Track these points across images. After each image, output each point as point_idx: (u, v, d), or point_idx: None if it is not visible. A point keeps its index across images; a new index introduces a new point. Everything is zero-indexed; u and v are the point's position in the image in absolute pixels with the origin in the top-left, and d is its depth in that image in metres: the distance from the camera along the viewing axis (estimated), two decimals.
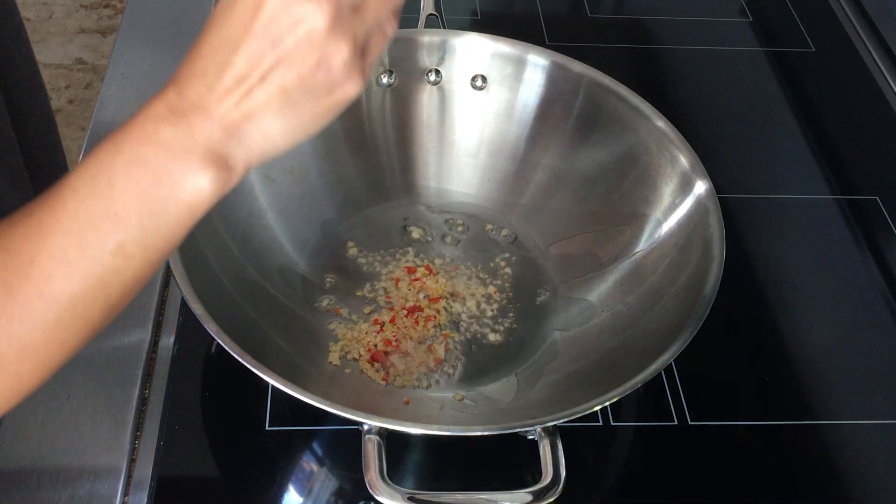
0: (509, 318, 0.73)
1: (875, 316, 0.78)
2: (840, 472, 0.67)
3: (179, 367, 0.68)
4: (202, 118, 0.41)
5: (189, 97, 0.41)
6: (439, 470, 0.66)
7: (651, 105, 0.73)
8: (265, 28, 0.41)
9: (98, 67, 2.08)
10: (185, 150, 0.41)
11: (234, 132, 0.42)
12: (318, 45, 0.41)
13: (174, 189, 0.42)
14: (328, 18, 0.41)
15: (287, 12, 0.41)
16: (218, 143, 0.42)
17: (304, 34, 0.41)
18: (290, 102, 0.42)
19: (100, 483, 0.61)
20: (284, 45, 0.41)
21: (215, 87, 0.41)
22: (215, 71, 0.41)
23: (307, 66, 0.42)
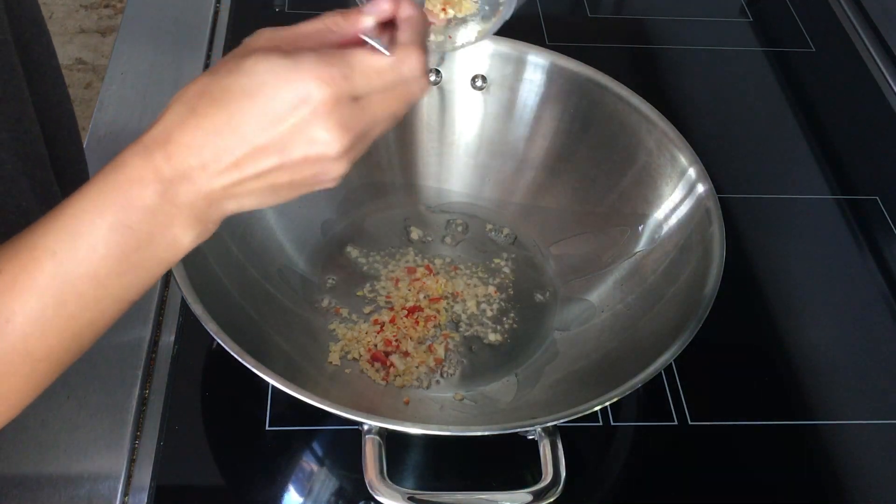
0: (509, 318, 0.73)
1: (875, 316, 0.78)
2: (840, 472, 0.67)
3: (179, 367, 0.68)
4: (188, 190, 0.42)
5: (178, 167, 0.41)
6: (439, 470, 0.66)
7: (651, 105, 0.73)
8: (280, 139, 0.41)
9: (98, 67, 2.08)
10: (168, 217, 0.42)
11: (216, 204, 0.43)
12: (323, 165, 0.43)
13: (155, 251, 0.42)
14: (341, 150, 0.42)
15: (307, 133, 0.41)
16: (200, 211, 0.43)
17: (315, 155, 0.42)
18: (273, 193, 0.44)
19: (100, 483, 0.61)
20: (291, 158, 0.42)
21: (209, 166, 0.41)
22: (214, 152, 0.41)
23: (302, 175, 0.43)
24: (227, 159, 0.41)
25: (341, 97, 0.41)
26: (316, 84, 0.41)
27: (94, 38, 2.17)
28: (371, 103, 0.43)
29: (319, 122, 0.41)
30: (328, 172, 0.44)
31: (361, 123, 0.43)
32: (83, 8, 2.24)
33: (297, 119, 0.41)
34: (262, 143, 0.41)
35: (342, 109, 0.42)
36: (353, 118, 0.42)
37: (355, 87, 0.42)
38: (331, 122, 0.41)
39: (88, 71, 2.09)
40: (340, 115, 0.41)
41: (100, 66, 2.08)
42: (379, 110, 0.44)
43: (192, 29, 0.96)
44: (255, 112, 0.41)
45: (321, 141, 0.42)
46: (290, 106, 0.41)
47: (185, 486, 0.62)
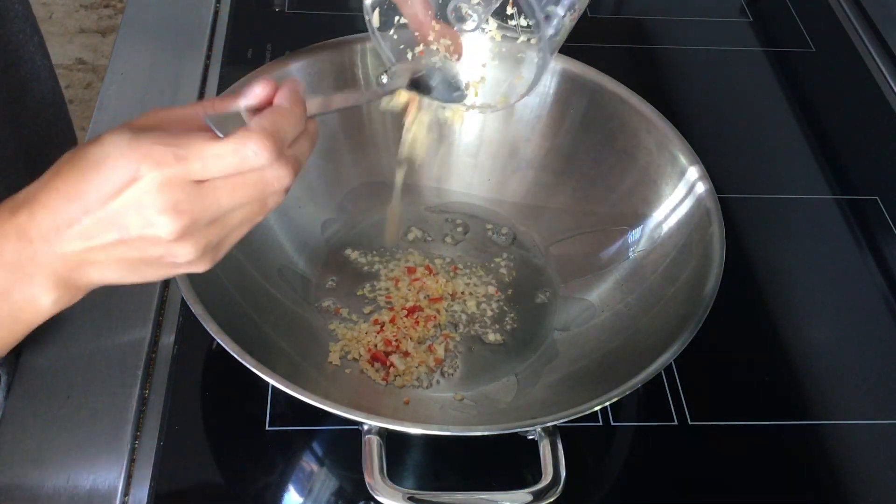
0: (509, 318, 0.73)
1: (875, 316, 0.78)
2: (840, 472, 0.67)
3: (179, 367, 0.68)
4: (46, 250, 0.42)
5: (38, 227, 0.41)
6: (439, 470, 0.66)
7: (651, 105, 0.73)
8: (115, 212, 0.41)
9: (98, 67, 2.08)
10: (27, 274, 0.42)
11: (76, 269, 0.43)
12: (163, 246, 0.42)
13: (12, 307, 0.43)
14: (176, 234, 0.42)
15: (139, 213, 0.41)
16: (61, 273, 0.43)
17: (150, 236, 0.42)
18: (129, 268, 0.43)
19: (100, 482, 0.61)
20: (129, 234, 0.42)
21: (62, 230, 0.41)
22: (66, 217, 0.41)
23: (149, 255, 0.43)
24: (75, 226, 0.41)
25: (173, 179, 0.41)
26: (145, 163, 0.40)
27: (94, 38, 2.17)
28: (215, 189, 0.42)
29: (149, 202, 0.41)
30: (174, 256, 0.43)
31: (200, 208, 0.42)
32: (83, 8, 2.24)
33: (129, 197, 0.41)
34: (101, 215, 0.41)
35: (174, 191, 0.41)
36: (189, 202, 0.41)
37: (190, 169, 0.41)
38: (160, 203, 0.41)
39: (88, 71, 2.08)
40: (171, 197, 0.41)
41: (100, 66, 2.08)
42: (224, 196, 0.43)
43: (192, 29, 0.96)
44: (96, 184, 0.41)
45: (153, 222, 0.41)
46: (122, 183, 0.41)
47: (185, 485, 0.62)
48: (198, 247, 0.43)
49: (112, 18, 2.21)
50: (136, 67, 0.91)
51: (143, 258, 0.43)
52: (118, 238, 0.42)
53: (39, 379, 0.65)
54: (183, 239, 0.42)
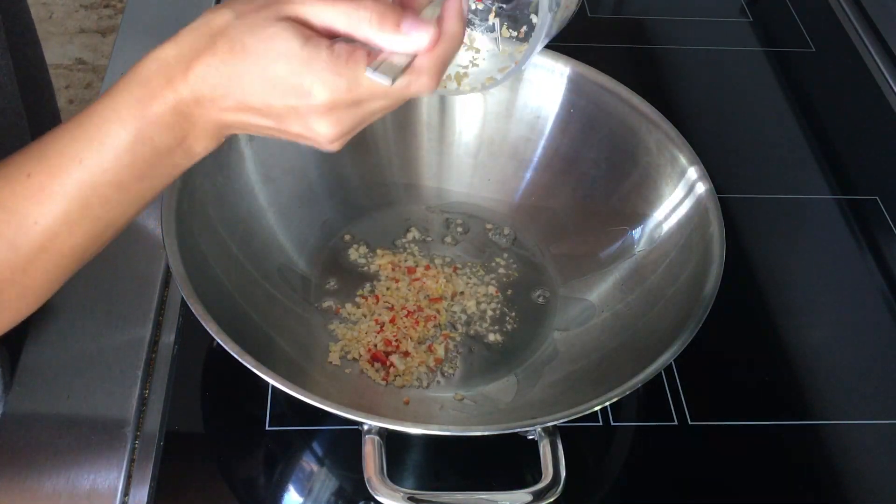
0: (509, 318, 0.73)
1: (875, 316, 0.78)
2: (840, 472, 0.67)
3: (179, 367, 0.68)
4: (201, 113, 0.45)
5: (194, 92, 0.44)
6: (439, 470, 0.66)
7: (651, 105, 0.73)
8: (279, 112, 0.45)
9: (98, 67, 2.08)
10: (183, 130, 0.45)
11: (223, 128, 0.47)
12: (315, 142, 0.47)
13: (173, 160, 0.46)
14: (332, 139, 0.46)
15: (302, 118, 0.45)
16: (213, 129, 0.46)
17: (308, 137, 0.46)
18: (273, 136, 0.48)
19: (100, 482, 0.61)
20: (287, 130, 0.46)
21: (218, 102, 0.45)
22: (223, 93, 0.44)
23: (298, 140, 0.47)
24: (232, 104, 0.45)
25: (340, 103, 0.44)
26: (320, 86, 0.43)
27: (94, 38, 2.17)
28: (370, 108, 0.46)
29: (315, 115, 0.45)
30: (320, 146, 0.47)
31: (356, 121, 0.46)
32: (83, 8, 2.24)
33: (297, 105, 0.44)
34: (262, 107, 0.45)
35: (339, 112, 0.45)
36: (349, 118, 0.46)
37: (357, 99, 0.45)
38: (327, 119, 0.45)
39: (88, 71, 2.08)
40: (336, 116, 0.45)
41: (100, 66, 2.08)
42: (378, 113, 0.47)
43: None
44: (264, 82, 0.44)
45: (315, 130, 0.45)
46: (294, 92, 0.44)
47: (185, 485, 0.62)
48: (342, 142, 0.47)
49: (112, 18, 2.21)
50: None
51: (289, 138, 0.47)
52: (275, 127, 0.46)
53: (39, 379, 0.65)
54: (336, 141, 0.47)
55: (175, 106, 0.44)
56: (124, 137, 0.44)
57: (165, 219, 0.61)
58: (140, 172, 0.45)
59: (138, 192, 0.47)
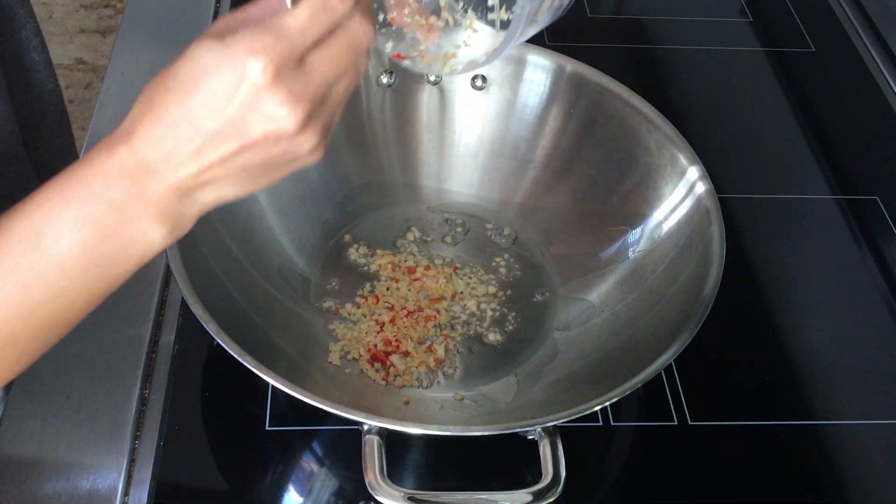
0: (509, 318, 0.73)
1: (875, 316, 0.78)
2: (840, 472, 0.67)
3: (179, 367, 0.68)
4: (156, 183, 0.41)
5: (143, 161, 0.41)
6: (439, 470, 0.66)
7: (651, 105, 0.73)
8: (232, 118, 0.40)
9: (98, 67, 2.08)
10: (135, 212, 0.41)
11: (187, 195, 0.42)
12: (287, 140, 0.41)
13: (123, 245, 0.42)
14: (301, 121, 0.41)
15: (259, 110, 0.40)
16: (171, 205, 0.42)
17: (274, 133, 0.41)
18: (248, 177, 0.43)
19: (100, 483, 0.61)
20: (251, 137, 0.41)
21: (173, 157, 0.41)
22: (175, 142, 0.40)
23: (272, 154, 0.42)
24: (187, 148, 0.40)
25: (280, 64, 0.40)
26: (249, 56, 0.39)
27: (94, 38, 2.17)
28: (316, 61, 0.41)
29: (266, 95, 0.40)
30: (298, 147, 0.42)
31: (312, 86, 0.41)
32: (83, 8, 2.24)
33: (244, 96, 0.40)
34: (216, 127, 0.40)
35: (286, 77, 0.40)
36: (301, 83, 0.41)
37: (291, 48, 0.40)
38: (278, 93, 0.40)
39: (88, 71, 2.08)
40: (286, 84, 0.40)
41: (100, 66, 2.08)
42: (327, 67, 0.42)
43: (192, 29, 0.96)
44: (204, 97, 0.40)
45: (275, 116, 0.40)
46: (233, 85, 0.39)
47: (185, 486, 0.62)
48: (317, 131, 0.42)
49: (112, 18, 2.21)
50: (136, 67, 0.91)
51: (264, 161, 0.42)
52: (238, 146, 0.41)
53: (39, 379, 0.65)
54: (308, 126, 0.41)
55: (121, 182, 0.40)
56: (65, 217, 0.41)
57: None
58: (83, 258, 0.41)
59: (84, 281, 0.42)
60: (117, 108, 0.87)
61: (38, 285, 0.41)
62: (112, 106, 0.87)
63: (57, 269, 0.41)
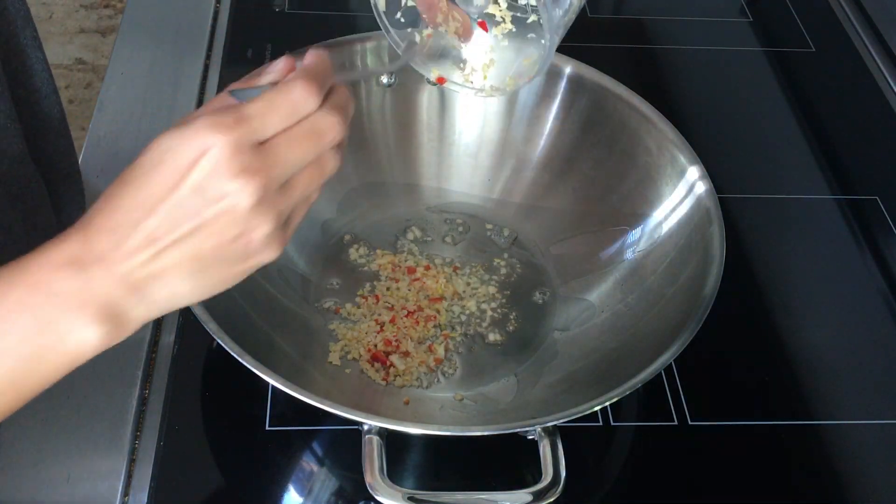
0: (509, 318, 0.73)
1: (875, 316, 0.78)
2: (840, 472, 0.67)
3: (179, 367, 0.68)
4: (103, 274, 0.40)
5: (93, 250, 0.40)
6: (439, 470, 0.66)
7: (651, 105, 0.73)
8: (188, 196, 0.40)
9: (98, 67, 2.08)
10: (78, 303, 0.40)
11: (136, 290, 0.41)
12: (241, 221, 0.41)
13: (58, 339, 0.40)
14: (253, 198, 0.40)
15: (213, 186, 0.40)
16: (116, 301, 0.41)
17: (227, 209, 0.40)
18: (201, 268, 0.42)
19: (100, 483, 0.61)
20: (204, 217, 0.40)
21: (122, 244, 0.40)
22: (126, 229, 0.40)
23: (225, 238, 0.41)
24: (140, 233, 0.40)
25: (239, 142, 0.40)
26: (209, 133, 0.39)
27: (94, 38, 2.17)
28: (277, 146, 0.41)
29: (221, 171, 0.39)
30: (251, 231, 0.41)
31: (269, 167, 0.41)
32: (83, 8, 2.24)
33: (200, 174, 0.39)
34: (170, 208, 0.40)
35: (243, 155, 0.40)
36: (258, 162, 0.40)
37: (251, 129, 0.40)
38: (233, 168, 0.40)
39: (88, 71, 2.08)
40: (242, 161, 0.40)
41: (100, 66, 2.08)
42: (286, 151, 0.41)
43: (192, 29, 0.96)
44: (160, 181, 0.40)
45: (228, 192, 0.40)
46: (190, 162, 0.39)
47: (185, 486, 0.62)
48: (272, 217, 0.41)
49: (112, 18, 2.21)
50: (136, 67, 0.91)
51: (217, 248, 0.41)
52: (192, 226, 0.40)
53: None
54: (259, 206, 0.41)
55: (67, 272, 0.39)
56: (4, 303, 0.39)
57: None
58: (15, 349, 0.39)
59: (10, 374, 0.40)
60: (117, 108, 0.87)
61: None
62: (112, 106, 0.87)
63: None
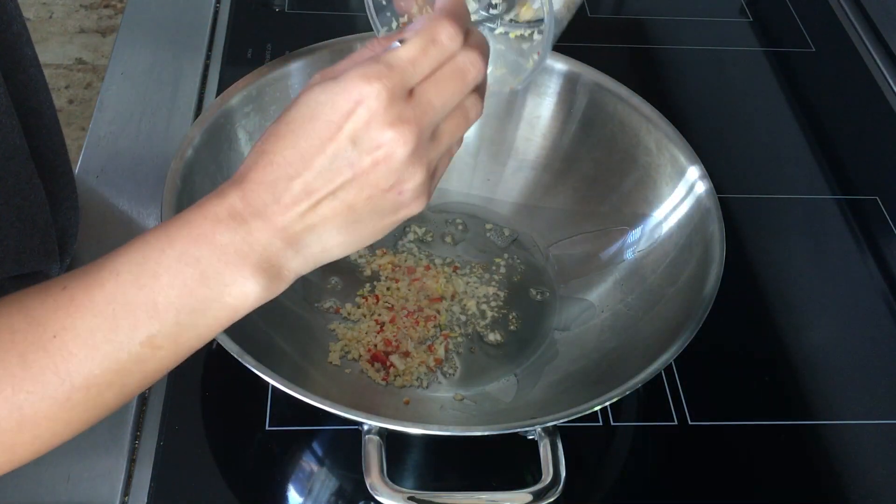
0: (509, 318, 0.73)
1: (875, 316, 0.78)
2: (840, 472, 0.67)
3: (179, 367, 0.68)
4: (263, 227, 0.41)
5: (252, 204, 0.41)
6: (439, 470, 0.66)
7: (651, 105, 0.73)
8: (345, 147, 0.41)
9: (98, 67, 2.08)
10: (239, 256, 0.41)
11: (293, 242, 0.42)
12: (396, 170, 0.41)
13: (220, 291, 0.41)
14: (409, 148, 0.41)
15: (370, 136, 0.41)
16: (275, 253, 0.42)
17: (384, 159, 0.41)
18: (355, 219, 0.42)
19: (100, 483, 0.61)
20: (361, 166, 0.41)
21: (282, 198, 0.41)
22: (285, 182, 0.41)
23: (380, 189, 0.42)
24: (297, 186, 0.41)
25: (393, 92, 0.40)
26: (364, 83, 0.40)
27: (94, 38, 2.17)
28: (424, 92, 0.42)
29: (378, 122, 0.40)
30: (404, 181, 0.42)
31: (420, 114, 0.41)
32: (83, 8, 2.24)
33: (356, 123, 0.40)
34: (327, 160, 0.41)
35: (397, 104, 0.41)
36: (411, 110, 0.41)
37: (403, 78, 0.41)
38: (389, 118, 0.40)
39: (88, 71, 2.08)
40: (397, 110, 0.40)
41: (100, 66, 2.08)
42: (435, 98, 0.42)
43: (192, 29, 0.96)
44: (317, 132, 0.41)
45: (384, 142, 0.41)
46: (346, 112, 0.40)
47: (185, 486, 0.62)
48: (424, 168, 0.42)
49: (112, 18, 2.21)
50: (136, 67, 0.91)
51: (371, 197, 0.42)
52: (349, 176, 0.41)
53: None
54: (413, 155, 0.41)
55: (229, 224, 0.40)
56: (168, 254, 0.40)
57: (165, 218, 0.61)
58: (179, 299, 0.40)
59: (174, 327, 0.41)
60: (117, 108, 0.87)
61: (126, 324, 0.40)
62: (112, 106, 0.87)
63: (150, 306, 0.40)
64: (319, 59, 0.74)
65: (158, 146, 0.83)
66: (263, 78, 0.71)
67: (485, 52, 0.44)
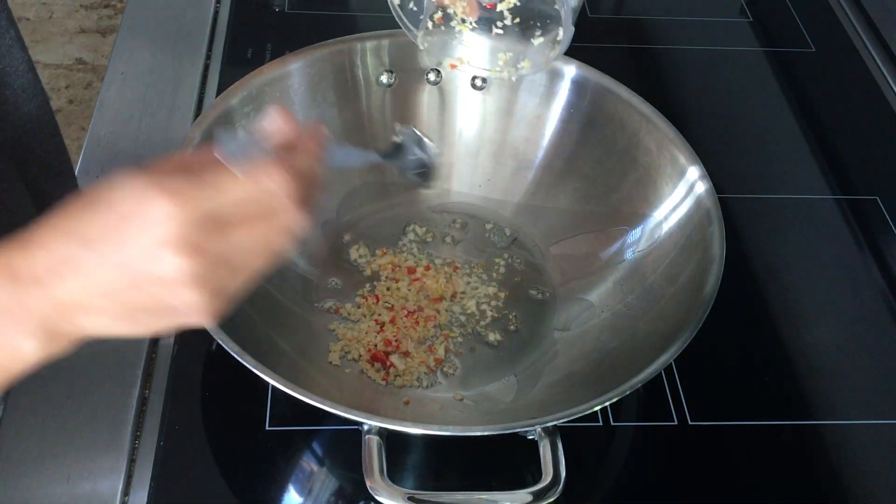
0: (509, 318, 0.73)
1: (875, 316, 0.78)
2: (840, 472, 0.67)
3: (179, 367, 0.68)
4: (39, 294, 0.39)
5: (32, 267, 0.39)
6: (439, 470, 0.66)
7: (651, 105, 0.73)
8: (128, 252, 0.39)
9: (98, 67, 2.08)
10: (14, 318, 0.39)
11: (66, 316, 0.40)
12: (172, 290, 0.40)
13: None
14: (190, 276, 0.39)
15: (154, 252, 0.39)
16: (49, 319, 0.40)
17: (161, 278, 0.39)
18: (128, 314, 0.41)
19: (100, 483, 0.61)
20: (137, 273, 0.39)
21: (58, 270, 0.39)
22: (63, 255, 0.39)
23: (155, 298, 0.40)
24: (73, 265, 0.39)
25: (193, 221, 0.39)
26: (169, 204, 0.39)
27: (94, 38, 2.17)
28: (232, 228, 0.40)
29: (168, 243, 0.39)
30: (181, 299, 0.40)
31: (216, 248, 0.40)
32: (83, 8, 2.24)
33: (147, 238, 0.39)
34: (108, 253, 0.39)
35: (192, 235, 0.39)
36: (207, 241, 0.40)
37: (211, 211, 0.40)
38: (179, 244, 0.39)
39: (88, 71, 2.08)
40: (189, 239, 0.39)
41: (100, 66, 2.08)
42: (242, 237, 0.41)
43: (192, 29, 0.96)
44: (108, 222, 0.39)
45: (168, 264, 0.39)
46: (142, 222, 0.39)
47: (185, 486, 0.62)
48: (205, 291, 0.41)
49: (112, 18, 2.21)
50: (136, 67, 0.91)
51: (146, 304, 0.41)
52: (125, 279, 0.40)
53: (39, 379, 0.65)
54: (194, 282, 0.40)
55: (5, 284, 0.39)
56: None
57: None
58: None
59: None
60: (117, 108, 0.87)
61: None
62: (112, 106, 0.87)
63: None
64: (319, 59, 0.74)
65: (158, 146, 0.83)
66: (263, 78, 0.71)
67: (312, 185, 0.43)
